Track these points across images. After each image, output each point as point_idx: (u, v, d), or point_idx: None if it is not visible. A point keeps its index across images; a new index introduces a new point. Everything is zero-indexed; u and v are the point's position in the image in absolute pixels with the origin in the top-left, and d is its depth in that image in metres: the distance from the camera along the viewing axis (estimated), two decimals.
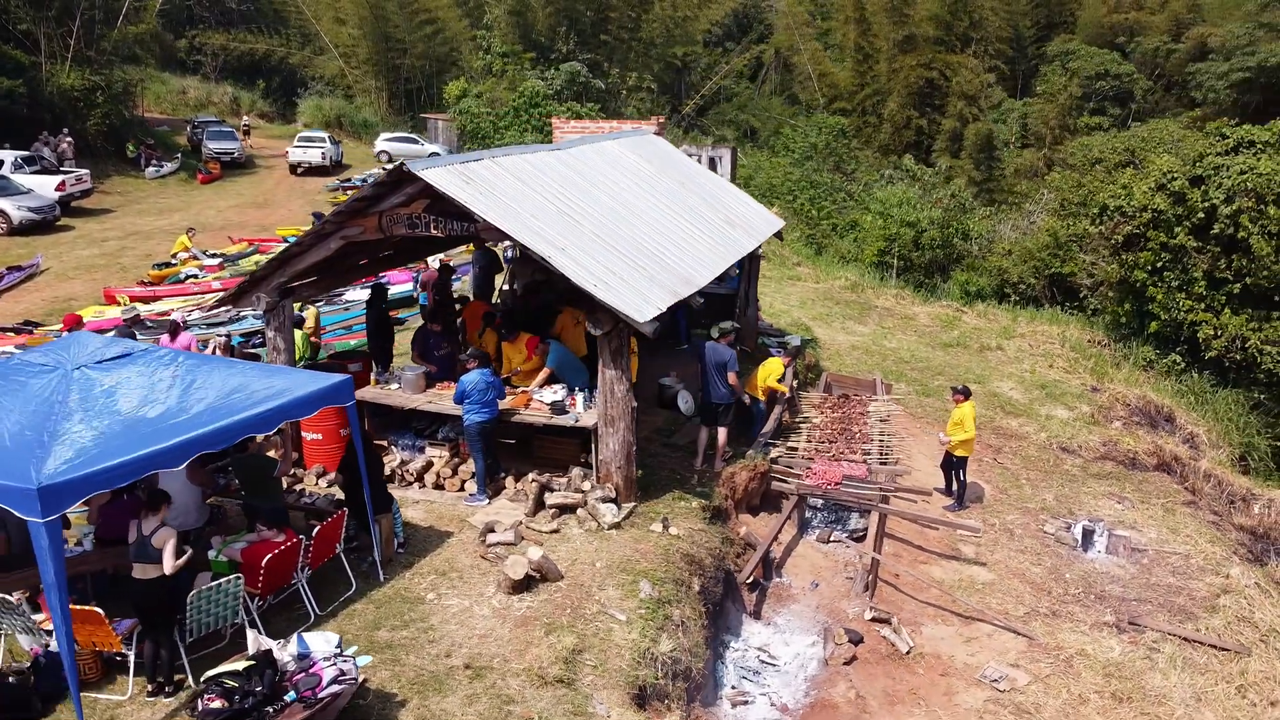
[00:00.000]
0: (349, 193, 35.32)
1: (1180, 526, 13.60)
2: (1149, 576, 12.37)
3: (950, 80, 42.12)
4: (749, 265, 16.45)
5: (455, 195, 10.35)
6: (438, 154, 43.41)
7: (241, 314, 18.98)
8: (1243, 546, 13.63)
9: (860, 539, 12.95)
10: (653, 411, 13.97)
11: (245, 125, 45.31)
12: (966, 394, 13.41)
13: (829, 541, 12.94)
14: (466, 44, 49.23)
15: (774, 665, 10.53)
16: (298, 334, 13.02)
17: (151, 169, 36.71)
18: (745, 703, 9.92)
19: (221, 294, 14.59)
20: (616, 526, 10.79)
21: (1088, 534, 12.98)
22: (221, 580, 8.04)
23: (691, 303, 11.95)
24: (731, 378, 12.16)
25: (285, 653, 7.44)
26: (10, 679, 7.73)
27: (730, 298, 17.13)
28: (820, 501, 13.19)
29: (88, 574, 9.23)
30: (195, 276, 22.07)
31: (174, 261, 23.39)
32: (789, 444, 14.18)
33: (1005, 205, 32.45)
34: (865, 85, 44.72)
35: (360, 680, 7.62)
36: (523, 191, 11.65)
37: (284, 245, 24.78)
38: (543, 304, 15.21)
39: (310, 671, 7.27)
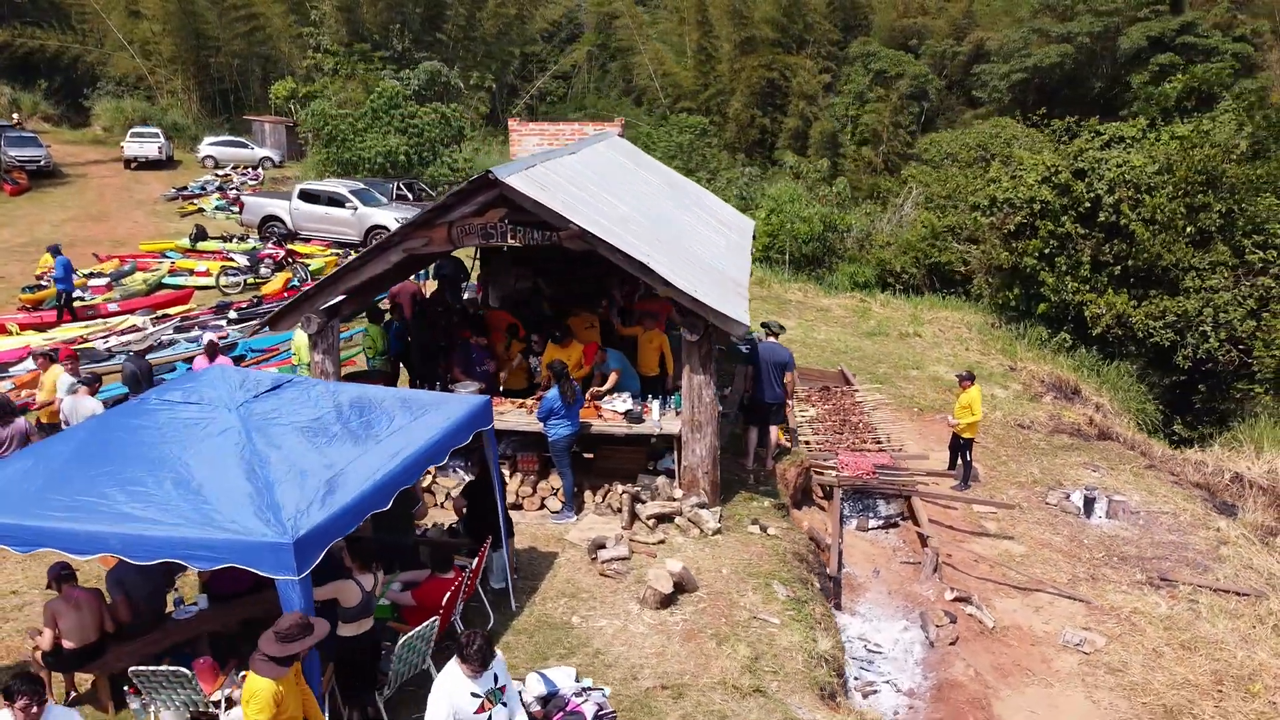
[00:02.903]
0: (195, 200, 32.91)
1: (1154, 488, 14.98)
2: (1152, 535, 13.56)
3: (790, 81, 43.93)
4: None
5: (549, 204, 9.99)
6: (270, 158, 41.06)
7: (163, 339, 17.39)
8: (1207, 502, 15.17)
9: (894, 525, 13.51)
10: None
11: (17, 123, 41.31)
12: (972, 379, 14.16)
13: (867, 530, 13.39)
14: (290, 41, 46.59)
15: (880, 653, 10.83)
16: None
17: None
18: (874, 692, 10.16)
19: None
20: (718, 532, 10.75)
21: (1089, 502, 14.05)
22: (420, 627, 7.45)
23: None
24: (788, 377, 12.35)
25: (530, 693, 7.01)
26: None
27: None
28: (841, 491, 13.60)
29: (205, 635, 8.31)
30: (81, 299, 19.87)
31: (45, 283, 20.93)
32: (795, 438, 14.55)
33: (870, 200, 34.26)
34: (709, 85, 45.87)
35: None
36: (582, 198, 11.37)
37: (164, 261, 23.12)
38: (535, 312, 14.83)
39: (569, 710, 6.89)
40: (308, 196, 26.33)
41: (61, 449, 7.08)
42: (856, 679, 10.35)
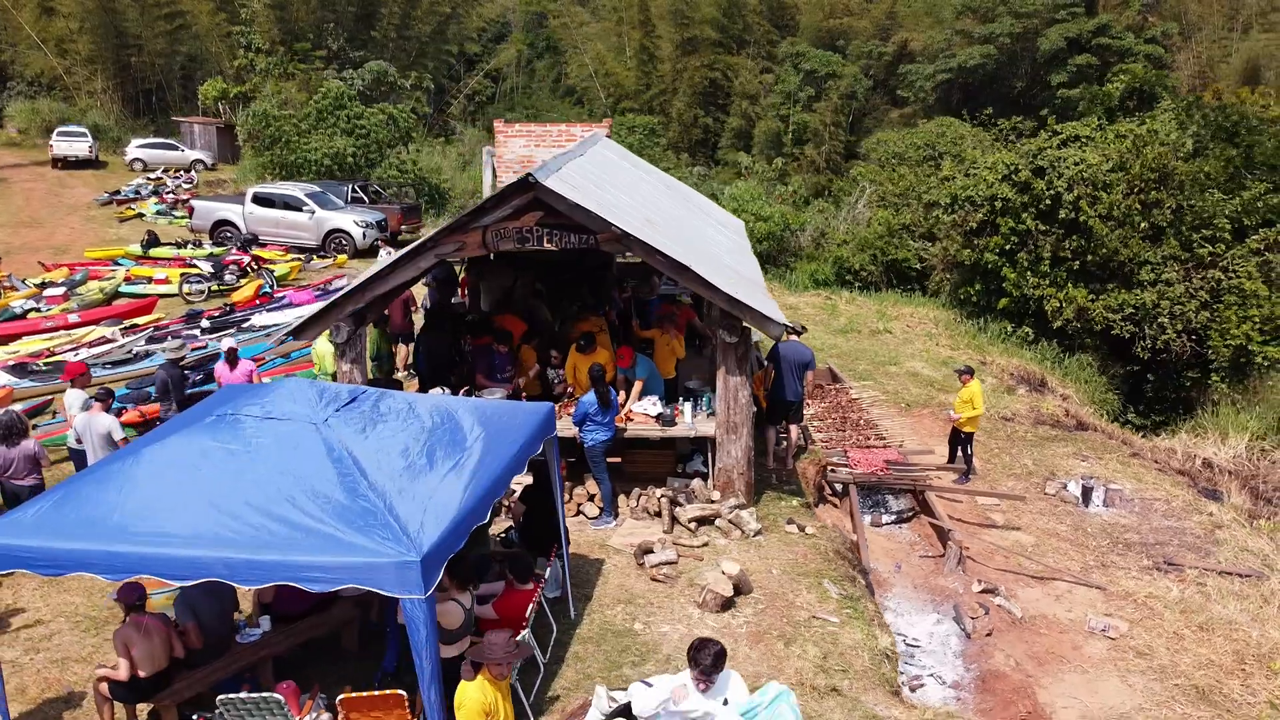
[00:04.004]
0: (133, 204, 31.71)
1: (1142, 476, 15.49)
2: (1149, 522, 14.02)
3: (732, 81, 44.28)
4: None
5: (589, 207, 9.88)
6: (202, 161, 39.82)
7: (134, 350, 16.69)
8: (1191, 488, 15.74)
9: (906, 520, 13.72)
10: None
11: None
12: (971, 373, 14.44)
13: (881, 526, 13.56)
14: (218, 40, 45.17)
15: (918, 646, 10.97)
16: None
17: None
18: (920, 685, 10.28)
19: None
20: (758, 533, 10.77)
21: (1087, 491, 14.45)
22: None
23: None
24: (809, 376, 12.44)
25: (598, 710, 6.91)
26: None
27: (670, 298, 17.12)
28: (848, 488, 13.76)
29: (269, 658, 8.02)
30: (37, 310, 18.96)
31: None
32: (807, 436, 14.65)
33: (818, 198, 34.71)
34: (651, 85, 45.96)
35: None
36: (609, 200, 11.28)
37: (118, 269, 22.19)
38: (536, 316, 14.66)
39: None
40: (262, 200, 25.57)
41: (141, 469, 6.71)
42: (901, 673, 10.46)
